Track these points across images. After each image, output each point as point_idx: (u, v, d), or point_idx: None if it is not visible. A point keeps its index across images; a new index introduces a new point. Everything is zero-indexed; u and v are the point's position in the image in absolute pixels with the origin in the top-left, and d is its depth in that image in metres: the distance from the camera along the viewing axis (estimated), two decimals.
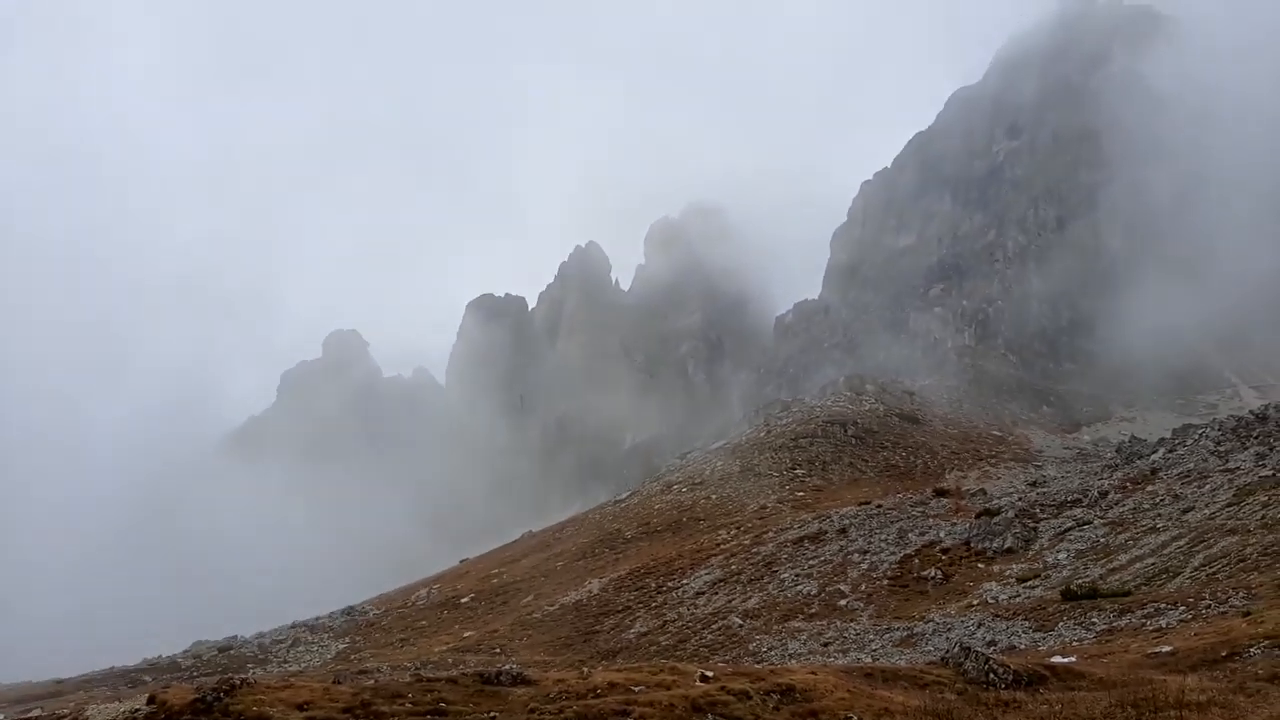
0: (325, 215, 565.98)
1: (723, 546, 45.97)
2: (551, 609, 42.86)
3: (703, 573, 42.23)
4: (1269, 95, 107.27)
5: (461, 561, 65.12)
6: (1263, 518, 29.18)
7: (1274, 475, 32.97)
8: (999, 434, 75.01)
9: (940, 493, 49.31)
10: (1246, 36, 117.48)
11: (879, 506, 46.48)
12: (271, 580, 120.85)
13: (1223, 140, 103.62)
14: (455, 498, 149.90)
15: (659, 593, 41.13)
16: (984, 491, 51.23)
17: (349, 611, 51.85)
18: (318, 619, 50.82)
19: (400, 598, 54.65)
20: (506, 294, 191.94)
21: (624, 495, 70.15)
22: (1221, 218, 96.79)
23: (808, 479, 61.38)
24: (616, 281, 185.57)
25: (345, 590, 74.50)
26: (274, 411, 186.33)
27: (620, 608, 40.39)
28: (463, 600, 49.57)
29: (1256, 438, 39.79)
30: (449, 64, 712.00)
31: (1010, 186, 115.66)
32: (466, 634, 42.21)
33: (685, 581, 41.70)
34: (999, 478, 60.57)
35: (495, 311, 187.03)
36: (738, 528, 49.89)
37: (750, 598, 37.62)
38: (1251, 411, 44.86)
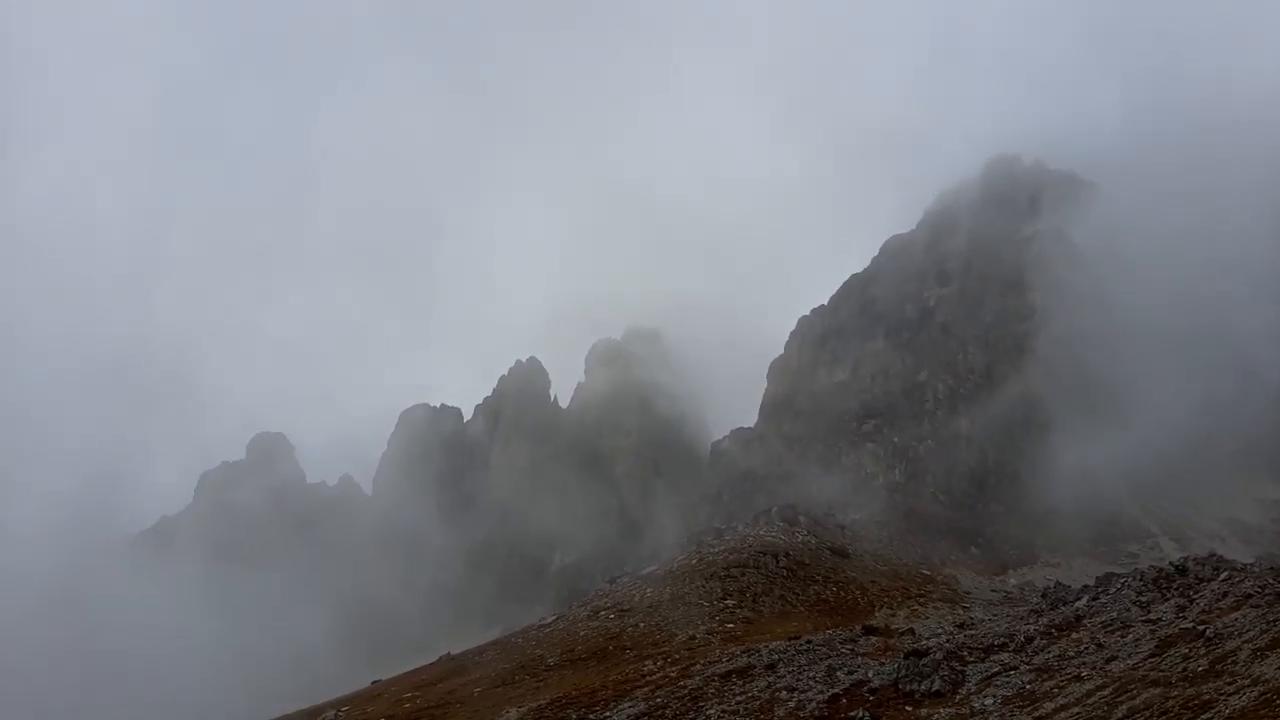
0: (261, 314, 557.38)
1: (649, 678, 44.65)
2: None
3: (626, 705, 40.81)
4: (1183, 252, 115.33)
5: (373, 683, 62.01)
6: (1184, 670, 29.47)
7: (1194, 628, 33.49)
8: (928, 573, 75.27)
9: (870, 630, 48.94)
10: (1165, 204, 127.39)
11: (808, 642, 45.83)
12: (174, 691, 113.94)
13: (1142, 295, 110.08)
14: (374, 612, 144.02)
15: None
16: (913, 631, 50.98)
17: None
18: None
19: (305, 719, 51.61)
20: (442, 404, 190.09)
21: (549, 619, 68.15)
22: (1144, 369, 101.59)
23: (738, 610, 60.47)
24: (555, 398, 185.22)
25: (251, 705, 70.25)
26: (189, 512, 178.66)
27: None
28: None
29: (1176, 589, 40.59)
30: (398, 178, 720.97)
31: (940, 331, 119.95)
32: None
33: (608, 714, 40.20)
34: (927, 617, 60.46)
35: (429, 421, 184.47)
36: (665, 658, 48.61)
37: None
38: (1171, 563, 45.88)
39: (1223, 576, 39.95)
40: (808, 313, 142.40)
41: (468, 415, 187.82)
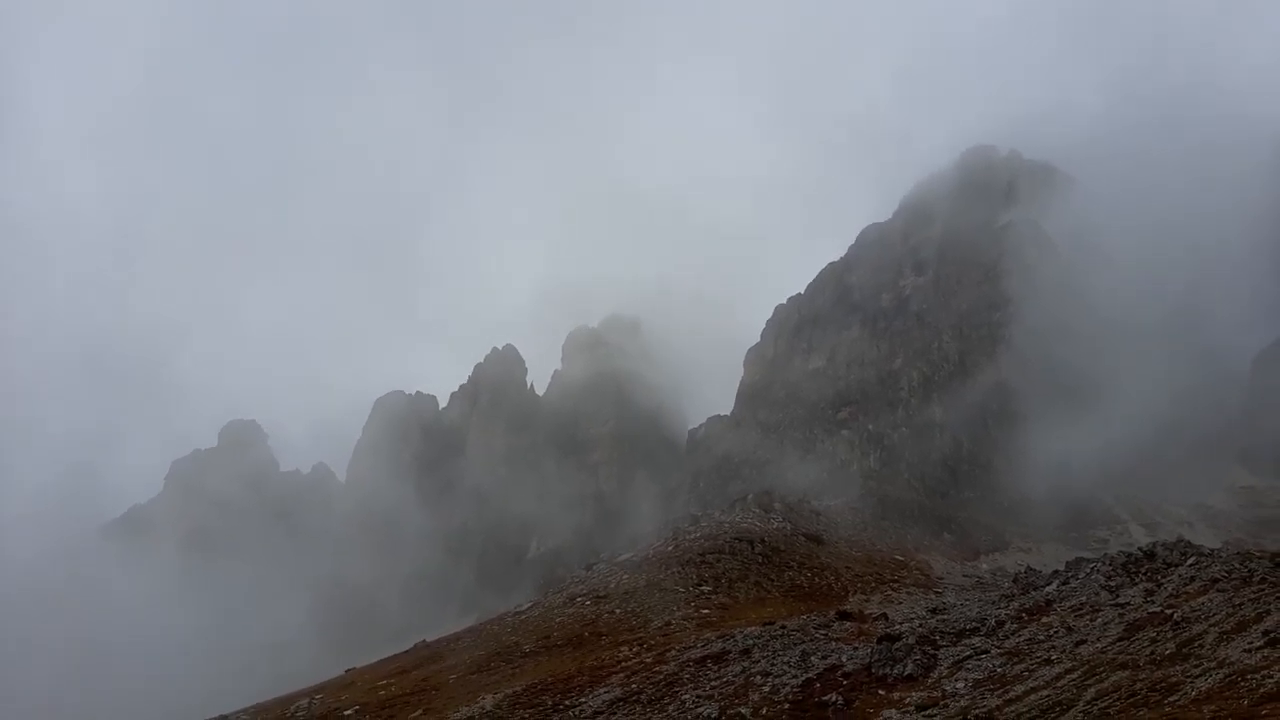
0: (241, 301, 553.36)
1: (624, 664, 44.72)
2: None
3: (602, 691, 40.87)
4: (1154, 243, 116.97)
5: (347, 671, 61.72)
6: (1151, 653, 29.87)
7: (1162, 612, 33.95)
8: (901, 558, 75.88)
9: (843, 615, 49.24)
10: (1138, 195, 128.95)
11: (783, 627, 46.07)
12: (151, 679, 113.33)
13: (1115, 285, 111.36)
14: (351, 599, 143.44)
15: (555, 711, 39.53)
16: (886, 616, 51.34)
17: None
18: None
19: (278, 708, 51.27)
20: (417, 392, 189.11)
21: (525, 606, 68.14)
22: (1115, 358, 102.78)
23: (714, 596, 60.70)
24: (532, 386, 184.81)
25: (227, 693, 69.81)
26: (160, 501, 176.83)
27: None
28: (345, 713, 46.72)
29: (1145, 574, 41.12)
30: (382, 168, 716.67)
31: (915, 319, 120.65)
32: None
33: (583, 700, 40.23)
34: (901, 602, 60.93)
35: (404, 409, 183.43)
36: (641, 644, 48.71)
37: (650, 719, 36.44)
38: (1140, 548, 46.44)
39: (1190, 561, 40.50)
40: (784, 301, 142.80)
41: (443, 403, 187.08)
